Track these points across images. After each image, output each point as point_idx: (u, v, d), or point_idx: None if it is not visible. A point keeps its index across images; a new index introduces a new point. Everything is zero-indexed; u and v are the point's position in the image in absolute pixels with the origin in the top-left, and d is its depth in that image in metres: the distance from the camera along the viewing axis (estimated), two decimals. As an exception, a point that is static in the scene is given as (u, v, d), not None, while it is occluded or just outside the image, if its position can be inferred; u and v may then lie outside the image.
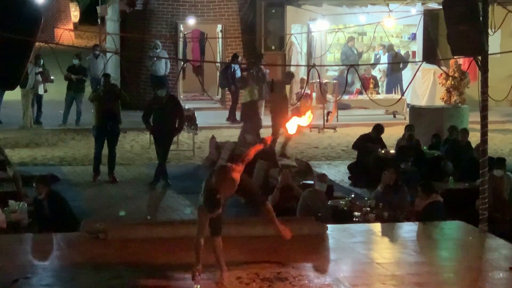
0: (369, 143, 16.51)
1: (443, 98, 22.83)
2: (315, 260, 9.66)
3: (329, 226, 11.02)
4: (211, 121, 21.22)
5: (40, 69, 21.02)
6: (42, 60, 20.99)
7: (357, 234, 10.98)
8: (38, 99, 21.54)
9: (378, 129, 16.81)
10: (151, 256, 9.64)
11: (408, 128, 17.04)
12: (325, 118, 22.02)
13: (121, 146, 17.89)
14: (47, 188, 11.65)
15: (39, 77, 21.01)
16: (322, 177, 12.52)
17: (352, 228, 11.35)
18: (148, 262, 9.43)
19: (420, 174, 14.90)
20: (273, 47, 24.31)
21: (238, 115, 21.93)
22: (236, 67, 22.55)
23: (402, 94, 21.84)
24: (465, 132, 16.49)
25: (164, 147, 15.62)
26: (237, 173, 8.27)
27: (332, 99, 22.27)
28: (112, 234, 10.28)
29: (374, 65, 24.06)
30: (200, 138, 19.18)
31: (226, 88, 23.25)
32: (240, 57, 22.98)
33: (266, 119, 21.83)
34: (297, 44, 24.12)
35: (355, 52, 24.28)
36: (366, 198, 12.87)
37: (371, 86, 23.26)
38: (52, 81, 21.59)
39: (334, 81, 23.29)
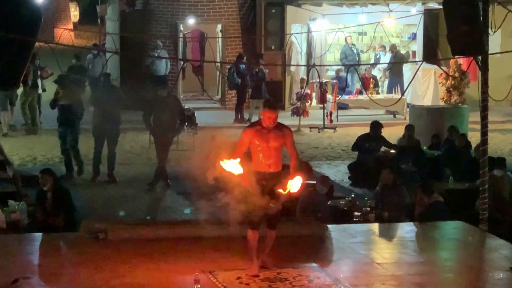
0: (369, 142, 16.46)
1: (443, 98, 22.82)
2: (315, 260, 9.66)
3: (329, 226, 11.02)
4: (211, 121, 21.19)
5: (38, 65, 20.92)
6: (38, 61, 20.90)
7: (357, 234, 10.98)
8: (37, 98, 21.41)
9: (376, 126, 16.68)
10: (151, 256, 9.64)
11: (408, 128, 16.99)
12: (329, 118, 21.99)
13: (121, 146, 17.85)
14: (52, 179, 11.64)
15: (38, 73, 20.92)
16: (324, 180, 12.46)
17: (352, 228, 11.35)
18: (148, 262, 9.43)
19: (420, 174, 14.90)
20: (273, 47, 24.26)
21: (246, 114, 21.90)
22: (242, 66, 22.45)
23: (402, 94, 21.82)
24: (463, 137, 16.37)
25: (164, 147, 15.61)
26: None
27: (332, 99, 22.26)
28: (112, 234, 10.29)
29: (374, 65, 24.03)
30: (200, 138, 19.15)
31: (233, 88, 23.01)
32: (245, 57, 22.86)
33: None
34: (297, 44, 24.09)
35: (355, 51, 24.25)
36: (366, 198, 12.86)
37: (371, 86, 23.24)
38: (52, 73, 21.50)
39: (334, 81, 23.27)
